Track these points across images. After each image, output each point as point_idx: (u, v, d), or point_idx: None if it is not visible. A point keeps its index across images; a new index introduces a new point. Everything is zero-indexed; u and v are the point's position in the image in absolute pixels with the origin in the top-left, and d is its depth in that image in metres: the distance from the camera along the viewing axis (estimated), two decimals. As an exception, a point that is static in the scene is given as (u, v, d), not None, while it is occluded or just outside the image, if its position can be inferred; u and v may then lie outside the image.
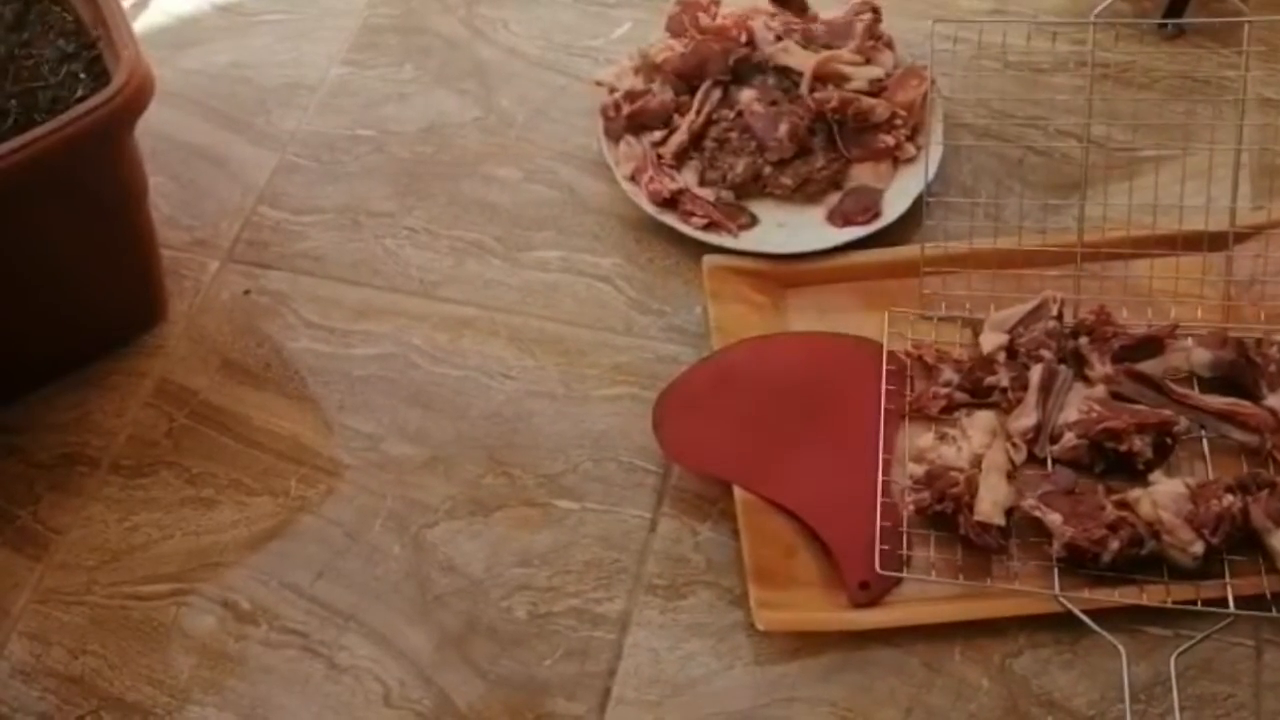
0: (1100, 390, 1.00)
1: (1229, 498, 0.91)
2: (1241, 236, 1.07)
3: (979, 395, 1.01)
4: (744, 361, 1.03)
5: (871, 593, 0.92)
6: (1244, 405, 0.98)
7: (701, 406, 1.00)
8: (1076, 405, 0.98)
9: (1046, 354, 1.01)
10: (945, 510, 0.93)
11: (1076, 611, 0.90)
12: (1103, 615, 0.90)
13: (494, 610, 0.95)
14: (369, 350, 1.09)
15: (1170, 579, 0.91)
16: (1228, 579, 0.90)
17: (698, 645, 0.93)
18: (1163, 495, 0.91)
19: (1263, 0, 1.32)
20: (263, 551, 0.98)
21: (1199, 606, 0.89)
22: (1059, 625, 0.91)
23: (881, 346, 1.05)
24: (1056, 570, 0.92)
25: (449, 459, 1.03)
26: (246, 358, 1.09)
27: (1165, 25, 1.30)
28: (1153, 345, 1.02)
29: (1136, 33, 1.29)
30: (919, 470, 0.96)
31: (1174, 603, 0.89)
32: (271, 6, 1.37)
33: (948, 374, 1.01)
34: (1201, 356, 1.01)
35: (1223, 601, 0.89)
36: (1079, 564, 0.91)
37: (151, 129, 1.21)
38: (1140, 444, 0.95)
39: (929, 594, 0.93)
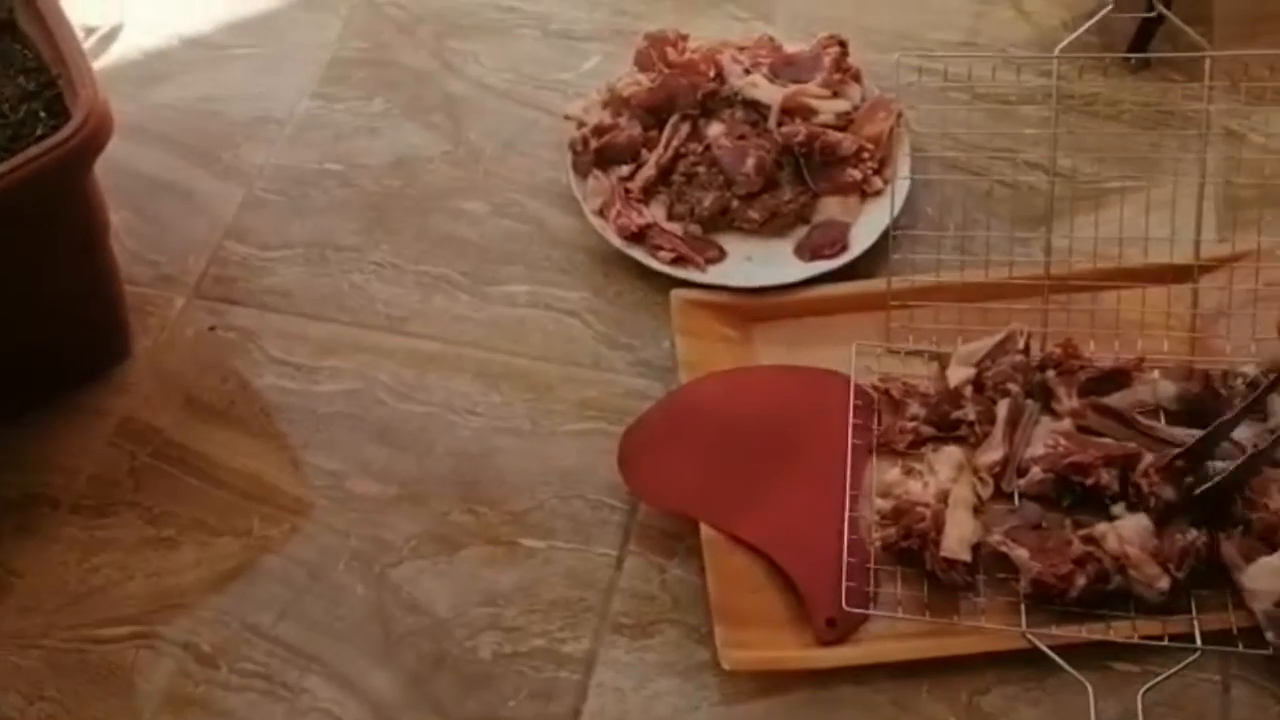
0: (1067, 424, 0.99)
1: (1193, 532, 0.90)
2: (1207, 269, 1.08)
3: (946, 429, 1.01)
4: (710, 397, 1.03)
5: (839, 630, 0.92)
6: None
7: (667, 443, 1.00)
8: (1043, 439, 0.98)
9: (1013, 388, 1.01)
10: (912, 546, 0.93)
11: (1044, 648, 0.89)
12: (1070, 652, 0.89)
13: (458, 650, 0.94)
14: (335, 386, 1.09)
15: (1137, 614, 0.90)
16: (1194, 614, 0.90)
17: (664, 685, 0.92)
18: (1128, 530, 0.91)
19: (1225, 34, 1.33)
20: (224, 592, 0.97)
21: (1165, 642, 0.89)
22: (1027, 662, 0.90)
23: (849, 380, 1.04)
24: (1024, 606, 0.91)
25: (414, 496, 1.02)
26: (211, 395, 1.08)
27: (1130, 59, 1.30)
28: (1119, 378, 1.02)
29: (1102, 65, 1.30)
30: (885, 506, 0.95)
31: (1140, 638, 0.89)
32: (240, 40, 1.37)
33: (914, 408, 1.01)
34: (1167, 389, 1.01)
35: (1189, 637, 0.89)
36: (1046, 600, 0.91)
37: (118, 164, 1.21)
38: (1107, 478, 0.95)
39: (896, 631, 0.92)
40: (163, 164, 1.26)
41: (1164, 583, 0.89)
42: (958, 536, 0.92)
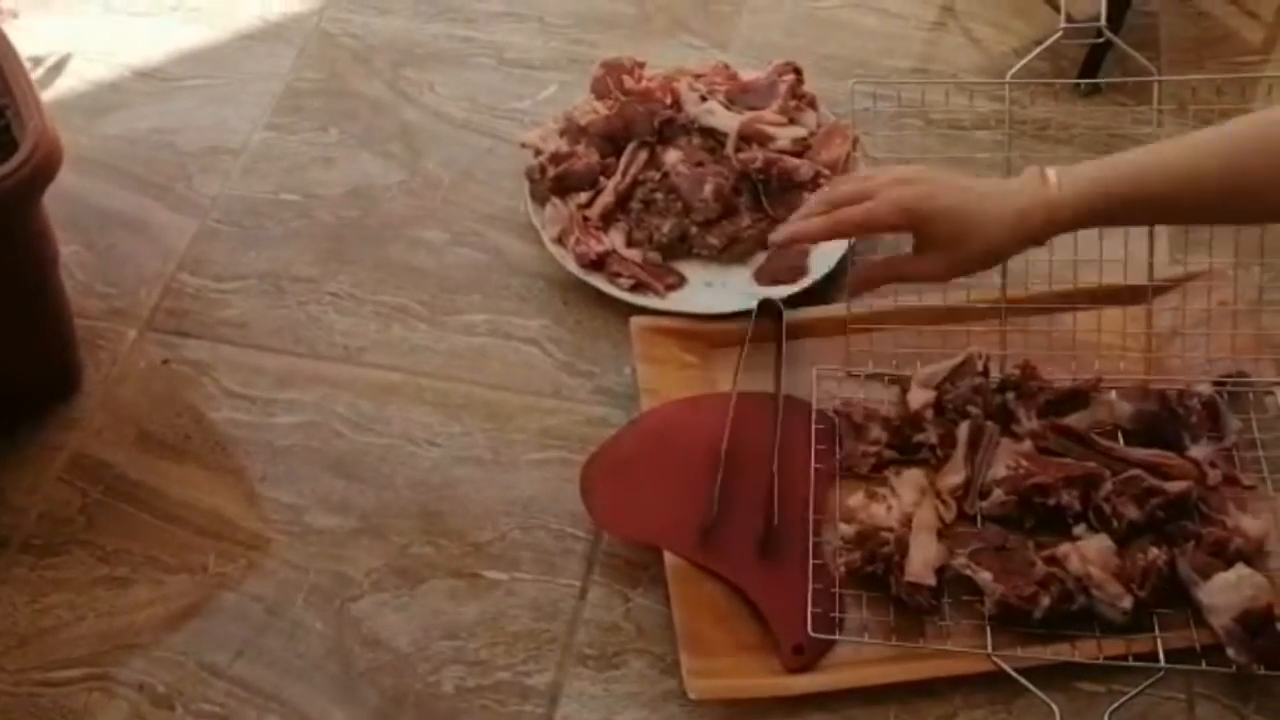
0: (1027, 445, 1.00)
1: (1154, 551, 0.91)
2: (1160, 290, 1.09)
3: (908, 452, 1.01)
4: (671, 424, 1.02)
5: (806, 657, 0.91)
6: (1168, 456, 0.99)
7: (629, 472, 0.99)
8: (1004, 461, 0.98)
9: (974, 410, 1.02)
10: (876, 571, 0.93)
11: (1010, 670, 0.89)
12: (1037, 673, 0.89)
13: (421, 685, 0.92)
14: (292, 419, 1.07)
15: (1102, 634, 0.91)
16: (1157, 632, 0.90)
17: (630, 716, 0.91)
18: (1090, 550, 0.92)
19: (1172, 59, 1.36)
20: (180, 631, 0.95)
21: (1130, 661, 0.89)
22: (993, 685, 0.90)
23: (810, 405, 1.04)
24: (989, 628, 0.91)
25: (374, 530, 1.00)
26: (165, 429, 1.06)
27: (1080, 84, 1.32)
28: (1077, 399, 1.03)
29: (1053, 90, 1.32)
30: (849, 530, 0.95)
31: (1105, 658, 0.89)
32: (193, 71, 1.36)
33: (876, 432, 1.01)
34: (1125, 409, 1.02)
35: (1153, 655, 0.89)
36: (1011, 621, 0.91)
37: (68, 195, 1.20)
38: (1068, 498, 0.95)
39: (863, 657, 0.92)
40: (114, 195, 1.24)
41: (1127, 602, 0.90)
42: (922, 560, 0.92)
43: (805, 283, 1.13)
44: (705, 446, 1.00)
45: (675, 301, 1.12)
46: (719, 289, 1.14)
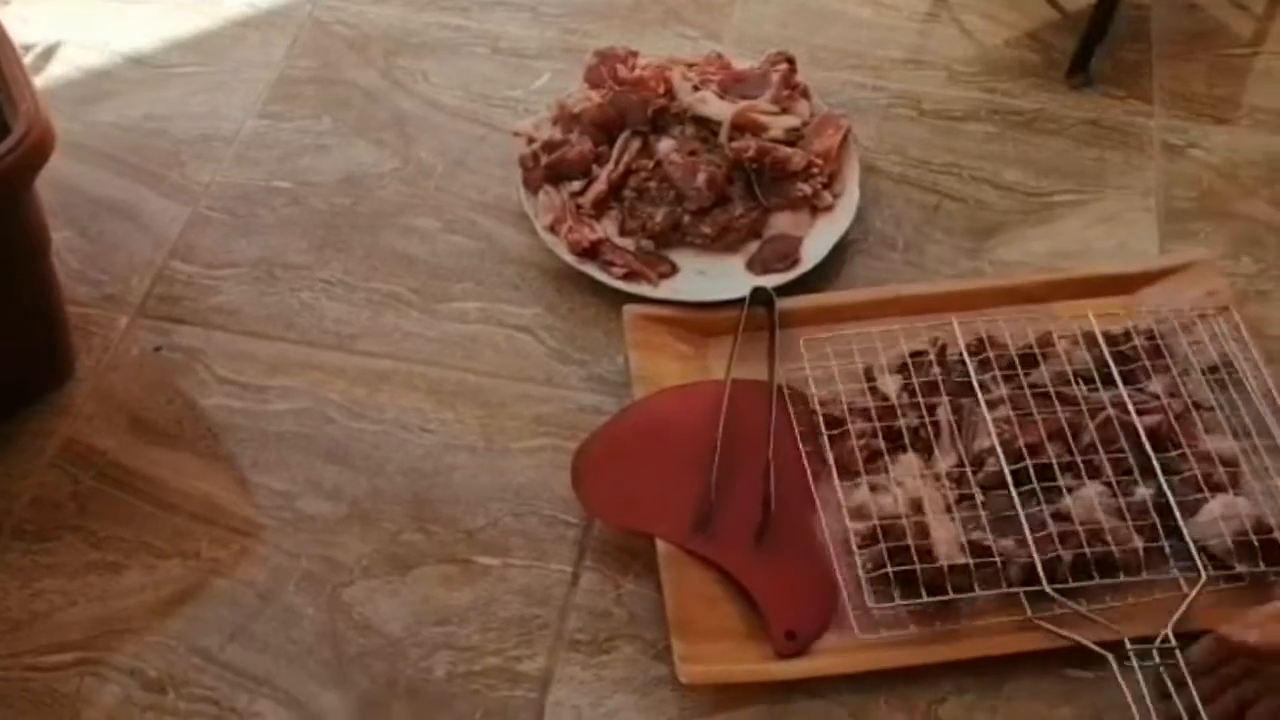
0: (1003, 411, 1.01)
1: (1141, 490, 0.96)
2: (1147, 280, 1.10)
3: (893, 440, 1.02)
4: (663, 412, 1.03)
5: (798, 643, 0.91)
6: (1132, 393, 1.02)
7: (621, 460, 0.99)
8: (989, 430, 0.99)
9: (944, 388, 1.03)
10: (903, 562, 0.92)
11: (1059, 632, 0.90)
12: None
13: (412, 671, 0.92)
14: (284, 406, 1.07)
15: (1125, 577, 0.92)
16: (1173, 563, 0.93)
17: (621, 701, 0.91)
18: (1089, 498, 0.94)
19: (1163, 51, 1.37)
20: (172, 616, 0.95)
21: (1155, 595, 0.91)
22: (983, 672, 0.91)
23: (802, 394, 1.05)
24: (1023, 596, 0.92)
25: (366, 516, 1.00)
26: (157, 416, 1.06)
27: (1072, 76, 1.33)
28: (1035, 357, 1.05)
29: (1045, 82, 1.33)
30: (863, 527, 0.95)
31: (1133, 601, 0.92)
32: (186, 59, 1.35)
33: (860, 424, 1.02)
34: (1080, 357, 1.05)
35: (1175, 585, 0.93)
36: (1035, 584, 0.92)
37: (60, 182, 1.20)
38: (1057, 450, 0.98)
39: (852, 643, 0.92)
40: (106, 182, 1.23)
41: (1137, 541, 0.93)
42: (947, 542, 0.93)
43: (798, 271, 1.13)
44: (697, 435, 1.01)
45: (668, 290, 1.12)
46: (711, 277, 1.14)
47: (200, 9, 1.40)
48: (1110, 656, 0.88)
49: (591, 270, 1.13)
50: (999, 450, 0.98)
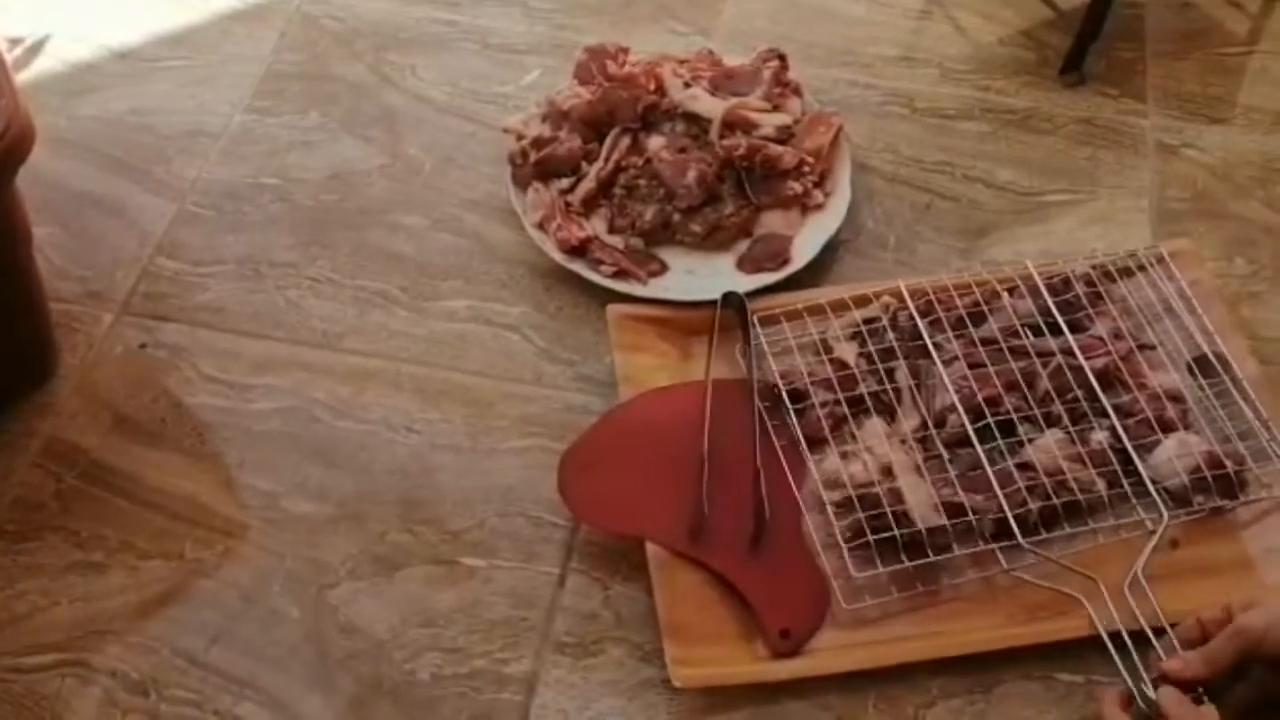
0: (959, 367, 1.02)
1: (1098, 434, 0.98)
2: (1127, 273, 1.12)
3: (855, 405, 1.02)
4: (646, 415, 1.02)
5: (793, 641, 0.91)
6: (1079, 339, 1.03)
7: (606, 463, 0.98)
8: (945, 388, 1.00)
9: (899, 351, 1.04)
10: (880, 527, 0.93)
11: (1034, 581, 0.91)
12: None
13: (397, 673, 0.92)
14: (269, 404, 1.06)
15: (1093, 523, 0.95)
16: (1134, 502, 0.96)
17: (608, 704, 0.90)
18: (1050, 445, 0.96)
19: (1157, 50, 1.36)
20: (154, 618, 0.94)
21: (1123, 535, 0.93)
22: (971, 672, 0.90)
23: (767, 385, 1.04)
24: (998, 550, 0.93)
25: (351, 516, 0.99)
26: (141, 414, 1.05)
27: (1065, 74, 1.32)
28: (983, 313, 1.06)
29: (1039, 80, 1.32)
30: (837, 496, 0.96)
31: (1102, 541, 0.94)
32: (172, 53, 1.34)
33: (822, 394, 1.02)
34: (1025, 307, 1.06)
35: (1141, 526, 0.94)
36: (1009, 537, 0.93)
37: (44, 177, 1.18)
38: (1014, 402, 0.99)
39: (842, 642, 0.91)
40: (91, 177, 1.22)
41: (1100, 484, 0.95)
42: (921, 502, 0.94)
43: (788, 270, 1.12)
44: (682, 438, 1.00)
45: (657, 288, 1.11)
46: (701, 276, 1.13)
47: (187, 2, 1.39)
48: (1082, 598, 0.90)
49: (580, 268, 1.12)
50: (959, 407, 0.99)
